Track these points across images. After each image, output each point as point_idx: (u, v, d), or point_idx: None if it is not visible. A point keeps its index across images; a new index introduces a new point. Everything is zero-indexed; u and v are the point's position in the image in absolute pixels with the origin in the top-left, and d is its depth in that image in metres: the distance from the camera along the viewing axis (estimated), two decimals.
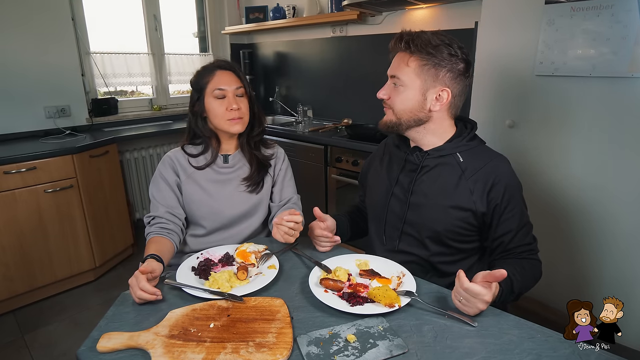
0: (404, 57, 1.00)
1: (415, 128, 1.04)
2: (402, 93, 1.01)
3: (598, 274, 1.59)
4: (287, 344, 0.73)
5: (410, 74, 0.99)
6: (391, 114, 1.04)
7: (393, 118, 1.04)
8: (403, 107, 1.01)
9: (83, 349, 0.75)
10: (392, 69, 1.03)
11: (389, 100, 1.04)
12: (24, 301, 2.12)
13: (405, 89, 1.00)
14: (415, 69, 0.98)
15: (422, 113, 1.01)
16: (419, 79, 0.99)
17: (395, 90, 1.02)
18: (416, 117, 1.02)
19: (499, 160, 1.03)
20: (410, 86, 1.00)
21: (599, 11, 1.40)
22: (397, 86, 1.01)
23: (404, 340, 0.75)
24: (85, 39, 2.69)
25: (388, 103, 1.04)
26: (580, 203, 1.59)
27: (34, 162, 2.01)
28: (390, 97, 1.03)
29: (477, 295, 0.78)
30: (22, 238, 2.02)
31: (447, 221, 1.02)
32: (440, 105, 1.00)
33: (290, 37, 3.22)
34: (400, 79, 1.00)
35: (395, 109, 1.02)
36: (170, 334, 0.76)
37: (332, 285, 0.91)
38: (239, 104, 1.21)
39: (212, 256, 1.09)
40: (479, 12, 1.73)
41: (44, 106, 2.50)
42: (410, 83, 0.99)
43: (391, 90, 1.03)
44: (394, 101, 1.02)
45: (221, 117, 1.20)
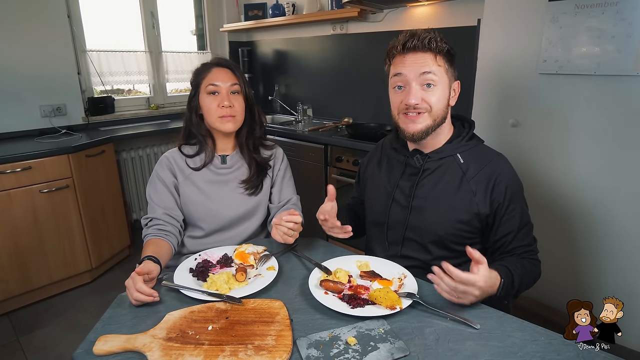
0: (430, 56, 0.98)
1: (436, 129, 1.03)
2: (437, 93, 0.99)
3: (600, 275, 1.59)
4: (286, 347, 0.73)
5: (442, 72, 0.99)
6: (427, 118, 1.00)
7: (430, 121, 1.00)
8: (440, 107, 1.00)
9: (79, 351, 0.75)
10: (421, 69, 0.97)
11: (422, 103, 0.98)
12: (19, 303, 2.12)
13: (438, 87, 0.99)
14: (444, 66, 1.00)
15: (447, 110, 1.03)
16: (447, 76, 1.01)
17: (429, 91, 0.99)
18: (445, 113, 1.03)
19: (499, 159, 1.03)
20: (443, 84, 1.00)
21: (603, 8, 1.40)
22: (431, 87, 0.99)
23: (405, 343, 0.75)
24: (82, 37, 2.69)
25: (423, 107, 0.99)
26: (583, 203, 1.59)
27: (29, 162, 2.01)
28: (423, 98, 0.99)
29: (469, 283, 0.79)
30: (17, 239, 2.02)
31: (450, 225, 1.02)
32: (454, 98, 1.04)
33: (289, 35, 3.22)
34: (436, 77, 0.98)
35: (434, 110, 0.99)
36: (167, 337, 0.76)
37: (332, 287, 0.91)
38: (232, 101, 1.20)
39: (210, 257, 1.09)
40: (481, 9, 1.73)
41: (40, 105, 2.50)
42: (442, 81, 1.00)
43: (423, 92, 0.99)
44: (431, 103, 0.99)
45: (213, 114, 1.20)
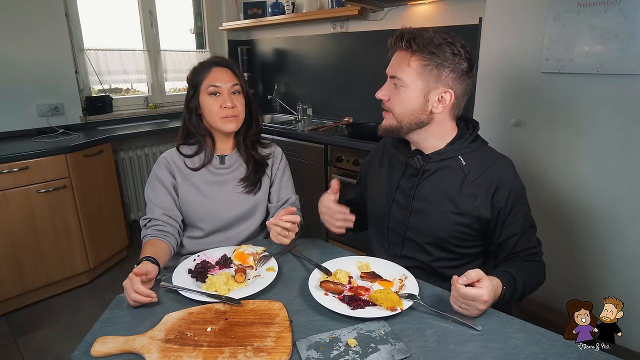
0: (405, 56, 0.97)
1: (417, 131, 1.02)
2: (403, 94, 0.98)
3: (605, 276, 1.59)
4: (286, 349, 0.73)
5: (412, 74, 0.96)
6: (391, 118, 1.02)
7: (393, 122, 1.01)
8: (404, 110, 0.99)
9: (77, 353, 0.75)
10: (391, 68, 1.00)
11: (388, 102, 1.01)
12: (16, 304, 2.12)
13: (406, 90, 0.97)
14: (417, 69, 0.96)
15: (423, 115, 0.99)
16: (420, 80, 0.96)
17: (396, 91, 0.99)
18: (417, 119, 0.99)
19: (502, 162, 1.02)
20: (412, 87, 0.97)
21: (606, 7, 1.40)
22: (398, 87, 0.98)
23: (406, 345, 0.75)
24: (79, 35, 2.69)
25: (387, 105, 1.01)
26: (586, 203, 1.59)
27: (26, 162, 2.01)
28: (389, 98, 1.01)
29: (474, 298, 0.79)
30: (14, 239, 2.02)
31: (450, 227, 1.01)
32: (442, 107, 0.98)
33: (289, 34, 3.22)
34: (402, 80, 0.97)
35: (395, 111, 1.00)
36: (166, 338, 0.76)
37: (332, 288, 0.91)
38: (233, 101, 1.21)
39: (209, 258, 1.09)
40: (483, 7, 1.73)
41: (37, 104, 2.50)
42: (411, 84, 0.97)
43: (391, 91, 1.00)
44: (393, 103, 1.00)
45: (215, 115, 1.20)
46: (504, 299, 0.88)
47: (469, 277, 0.80)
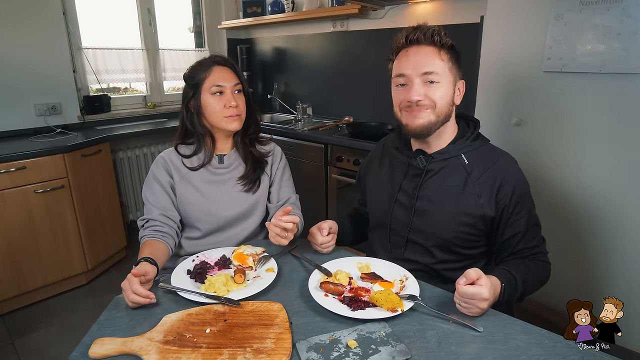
0: (433, 51, 0.98)
1: (440, 127, 1.02)
2: (441, 89, 0.98)
3: (607, 276, 1.59)
4: (285, 350, 0.73)
5: (445, 68, 0.98)
6: (431, 114, 0.99)
7: (433, 117, 0.99)
8: (443, 103, 0.99)
9: (75, 354, 0.75)
10: (423, 65, 0.97)
11: (424, 99, 0.98)
12: (13, 305, 2.12)
13: (442, 84, 0.98)
14: (447, 62, 0.99)
15: (451, 108, 1.02)
16: (451, 73, 1.00)
17: (432, 87, 0.98)
18: (449, 111, 1.02)
19: (505, 159, 1.02)
20: (447, 80, 0.99)
21: (609, 5, 1.40)
22: (434, 83, 0.98)
23: (407, 346, 0.75)
24: (77, 34, 2.69)
25: (425, 103, 0.98)
26: (588, 203, 1.59)
27: (24, 162, 2.01)
28: (425, 96, 0.98)
29: (473, 296, 0.80)
30: (11, 240, 2.02)
31: (455, 228, 1.01)
32: (459, 97, 1.03)
33: (289, 32, 3.22)
34: (438, 74, 0.97)
35: (438, 106, 0.98)
36: (164, 340, 0.76)
37: (332, 289, 0.91)
38: (237, 100, 1.21)
39: (208, 259, 1.09)
40: (484, 6, 1.73)
41: (34, 103, 2.51)
42: (446, 77, 0.99)
43: (426, 88, 0.98)
44: (434, 98, 0.98)
45: (219, 114, 1.21)
46: (504, 298, 0.88)
47: (468, 277, 0.81)
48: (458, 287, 0.81)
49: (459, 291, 0.81)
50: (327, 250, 1.11)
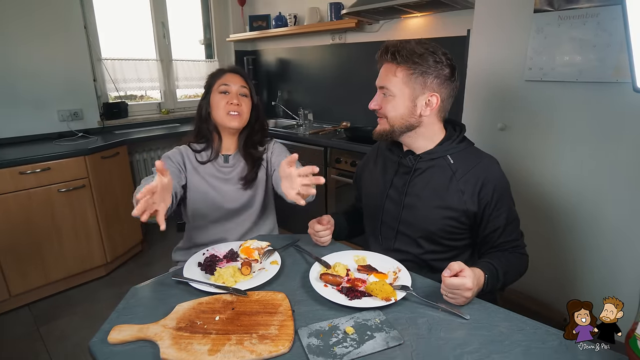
0: (391, 67, 1.00)
1: (408, 133, 1.04)
2: (392, 102, 1.01)
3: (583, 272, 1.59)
4: (288, 336, 0.74)
5: (398, 83, 0.99)
6: (385, 123, 1.04)
7: (387, 127, 1.04)
8: (395, 115, 1.01)
9: (95, 340, 0.75)
10: (380, 80, 1.03)
11: (381, 110, 1.03)
12: (39, 295, 2.12)
13: (394, 98, 1.00)
14: (403, 78, 0.99)
15: (413, 119, 1.01)
16: (407, 88, 0.99)
17: (386, 100, 1.02)
18: (408, 123, 1.01)
19: (488, 160, 1.03)
20: (400, 95, 1.00)
21: (585, 20, 1.41)
22: (387, 96, 1.01)
23: (399, 332, 0.75)
24: (97, 46, 2.69)
25: (381, 113, 1.04)
26: (566, 202, 1.59)
27: (48, 163, 2.01)
28: (381, 106, 1.03)
29: (458, 287, 0.80)
30: (36, 235, 2.02)
31: (440, 221, 1.02)
32: (430, 109, 1.00)
33: (291, 44, 3.22)
34: (389, 89, 1.00)
35: (388, 117, 1.02)
36: (177, 326, 0.77)
37: (331, 280, 0.91)
38: (240, 101, 1.24)
39: (217, 252, 1.09)
40: (471, 20, 1.73)
41: (58, 110, 2.50)
42: (399, 92, 0.99)
43: (381, 100, 1.03)
44: (385, 111, 1.02)
45: (222, 110, 1.23)
46: (488, 287, 0.89)
47: (452, 269, 0.81)
48: (444, 279, 0.81)
49: (445, 283, 0.81)
50: (324, 240, 1.11)
